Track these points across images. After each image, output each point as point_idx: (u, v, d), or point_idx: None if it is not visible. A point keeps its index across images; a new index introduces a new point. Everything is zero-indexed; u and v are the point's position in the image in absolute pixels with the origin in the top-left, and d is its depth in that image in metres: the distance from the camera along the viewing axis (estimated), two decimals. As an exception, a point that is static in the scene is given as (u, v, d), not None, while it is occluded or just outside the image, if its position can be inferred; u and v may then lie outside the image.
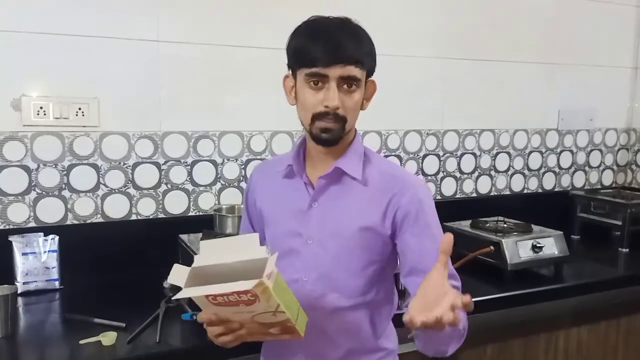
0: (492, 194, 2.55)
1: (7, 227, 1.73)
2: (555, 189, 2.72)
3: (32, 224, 1.76)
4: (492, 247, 1.89)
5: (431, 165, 2.39)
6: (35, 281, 1.69)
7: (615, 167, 2.89)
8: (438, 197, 2.42)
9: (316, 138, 1.14)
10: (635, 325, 2.09)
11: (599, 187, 2.84)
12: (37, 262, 1.68)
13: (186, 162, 1.94)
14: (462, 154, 2.46)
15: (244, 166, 2.03)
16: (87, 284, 1.72)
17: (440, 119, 2.39)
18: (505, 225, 2.08)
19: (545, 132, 2.65)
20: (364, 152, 1.21)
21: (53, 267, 1.70)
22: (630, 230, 2.31)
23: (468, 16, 2.37)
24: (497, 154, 2.54)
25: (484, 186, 2.53)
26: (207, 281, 0.96)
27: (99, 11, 1.77)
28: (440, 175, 2.42)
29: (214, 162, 1.99)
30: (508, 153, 2.57)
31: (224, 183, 2.01)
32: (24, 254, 1.68)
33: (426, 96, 2.34)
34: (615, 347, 2.06)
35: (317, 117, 1.11)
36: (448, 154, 2.43)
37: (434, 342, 1.09)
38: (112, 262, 1.78)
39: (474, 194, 2.51)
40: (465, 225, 2.10)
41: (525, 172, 2.63)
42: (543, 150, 2.66)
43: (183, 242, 1.79)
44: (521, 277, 1.88)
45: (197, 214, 1.97)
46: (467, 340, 1.70)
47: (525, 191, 2.64)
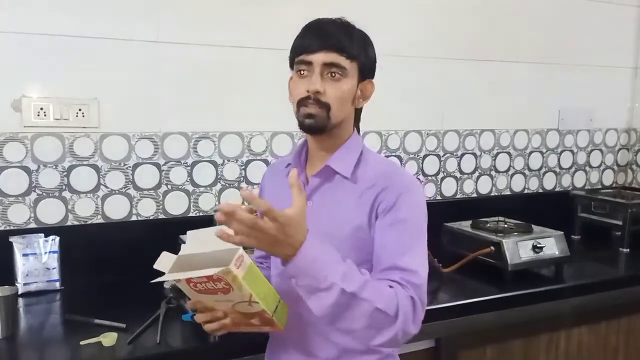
0: (492, 194, 2.55)
1: (8, 228, 1.73)
2: (556, 189, 2.72)
3: (33, 225, 1.76)
4: (492, 248, 1.89)
5: (431, 165, 2.39)
6: (36, 282, 1.69)
7: (615, 167, 2.89)
8: (438, 197, 2.42)
9: (301, 125, 1.15)
10: (636, 325, 2.09)
11: (600, 187, 2.84)
12: (37, 263, 1.69)
13: (186, 163, 1.94)
14: (462, 154, 2.46)
15: (244, 167, 2.03)
16: (88, 284, 1.72)
17: (440, 119, 2.39)
18: (506, 226, 2.08)
19: (546, 132, 2.65)
20: (361, 151, 1.20)
21: (53, 268, 1.71)
22: (631, 230, 2.30)
23: (468, 16, 2.37)
24: (497, 154, 2.54)
25: (484, 186, 2.53)
26: (190, 269, 0.99)
27: (99, 12, 1.77)
28: (441, 175, 2.42)
29: (214, 163, 1.99)
30: (508, 153, 2.57)
31: (224, 184, 2.01)
32: (24, 255, 1.68)
33: (426, 96, 2.34)
34: (616, 348, 2.06)
35: (301, 103, 1.13)
36: (448, 154, 2.43)
37: (332, 311, 1.00)
38: (113, 262, 1.78)
39: (475, 194, 2.51)
40: (465, 225, 2.10)
41: (526, 172, 2.63)
42: (543, 150, 2.66)
43: (183, 243, 1.78)
44: (522, 277, 1.88)
45: (198, 214, 1.97)
46: (467, 341, 1.71)
47: (525, 191, 2.64)
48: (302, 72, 1.13)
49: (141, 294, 1.68)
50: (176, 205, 1.94)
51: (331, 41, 1.10)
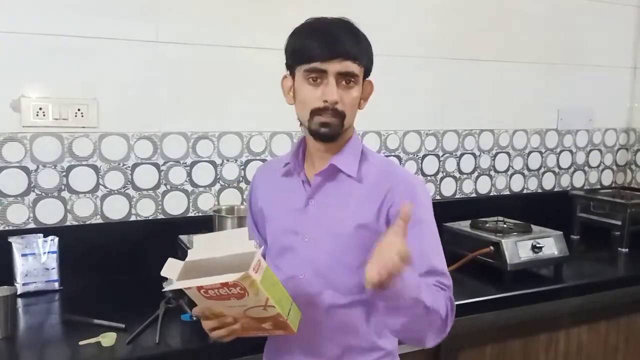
0: (491, 194, 2.55)
1: (7, 228, 1.73)
2: (555, 189, 2.72)
3: (32, 225, 1.76)
4: (491, 248, 1.89)
5: (431, 165, 2.39)
6: (35, 282, 1.68)
7: (614, 167, 2.89)
8: (437, 197, 2.42)
9: (315, 133, 1.14)
10: (636, 325, 2.09)
11: (599, 187, 2.84)
12: (36, 263, 1.68)
13: (185, 163, 1.94)
14: (461, 154, 2.46)
15: (243, 167, 2.03)
16: (87, 284, 1.72)
17: (439, 119, 2.39)
18: (505, 226, 2.08)
19: (545, 132, 2.65)
20: (361, 150, 1.21)
21: (53, 268, 1.70)
22: (630, 230, 2.30)
23: (467, 16, 2.37)
24: (496, 154, 2.54)
25: (483, 186, 2.53)
26: (200, 274, 0.97)
27: (98, 12, 1.77)
28: (440, 175, 2.42)
29: (213, 163, 1.98)
30: (507, 153, 2.57)
31: (223, 184, 2.01)
32: (23, 255, 1.67)
33: (425, 96, 2.33)
34: (616, 348, 2.06)
35: (316, 113, 1.12)
36: (447, 154, 2.43)
37: (407, 325, 1.03)
38: (112, 263, 1.78)
39: (474, 194, 2.51)
40: (464, 225, 2.10)
41: (525, 172, 2.63)
42: (542, 150, 2.66)
43: (182, 243, 1.79)
44: (521, 277, 1.88)
45: (197, 214, 1.97)
46: (467, 340, 1.71)
47: (524, 191, 2.64)
48: (314, 79, 1.11)
49: (140, 294, 1.68)
50: (175, 205, 1.94)
51: (346, 48, 1.10)
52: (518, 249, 1.89)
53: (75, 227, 1.80)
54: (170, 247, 1.82)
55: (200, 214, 1.97)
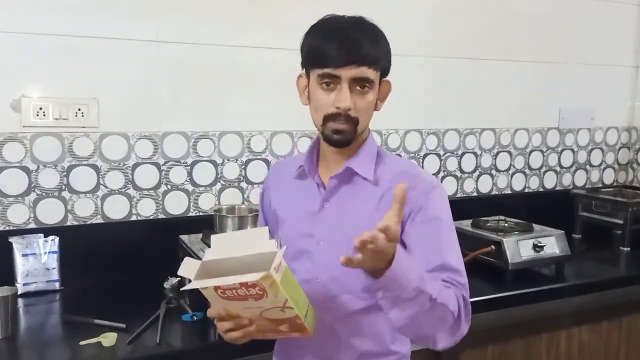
0: (493, 193, 2.55)
1: (7, 228, 1.73)
2: (557, 188, 2.72)
3: (32, 225, 1.76)
4: (493, 247, 1.89)
5: (432, 164, 2.39)
6: (36, 282, 1.68)
7: (616, 166, 2.88)
8: (439, 196, 2.42)
9: (328, 139, 1.13)
10: (637, 324, 2.08)
11: (600, 185, 2.83)
12: (37, 263, 1.68)
13: (186, 163, 1.94)
14: (462, 153, 2.45)
15: (244, 166, 2.03)
16: (88, 285, 1.72)
17: (440, 118, 2.38)
18: (506, 225, 2.08)
19: (546, 131, 2.64)
20: (377, 152, 1.19)
21: (53, 268, 1.70)
22: (632, 229, 2.30)
23: (468, 15, 2.36)
24: (498, 153, 2.54)
25: (485, 185, 2.53)
26: (217, 274, 0.96)
27: (99, 11, 1.77)
28: (441, 174, 2.42)
29: (213, 163, 1.98)
30: (509, 152, 2.56)
31: (224, 183, 2.01)
32: (24, 255, 1.67)
33: (426, 95, 2.33)
34: (617, 347, 2.06)
35: (329, 119, 1.10)
36: (449, 154, 2.42)
37: (412, 320, 1.00)
38: (113, 263, 1.78)
39: (475, 193, 2.51)
40: (466, 224, 2.09)
41: (526, 171, 2.63)
42: (544, 149, 2.65)
43: (183, 243, 1.79)
44: (522, 276, 1.88)
45: (197, 214, 1.97)
46: (468, 340, 1.70)
47: (526, 190, 2.64)
48: (327, 84, 1.09)
49: (141, 294, 1.68)
50: (176, 205, 1.94)
51: (359, 55, 1.06)
52: (519, 248, 1.89)
53: (75, 227, 1.80)
54: (171, 247, 1.82)
55: (200, 214, 1.97)
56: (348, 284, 1.15)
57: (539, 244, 1.92)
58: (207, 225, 1.83)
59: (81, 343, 1.34)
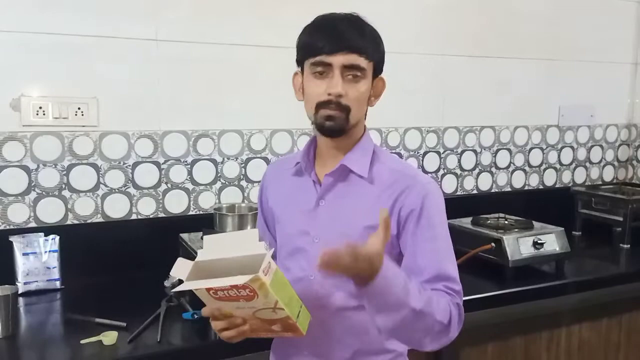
0: (493, 190, 2.55)
1: (8, 227, 1.73)
2: (556, 186, 2.72)
3: (33, 224, 1.76)
4: (493, 244, 1.89)
5: (432, 162, 2.39)
6: (36, 281, 1.69)
7: (616, 163, 2.89)
8: (439, 194, 2.42)
9: (320, 127, 1.13)
10: (637, 321, 2.09)
11: (600, 183, 2.83)
12: (37, 262, 1.68)
13: (186, 161, 1.94)
14: (462, 151, 2.45)
15: (244, 165, 2.03)
16: (88, 283, 1.72)
17: (440, 116, 2.38)
18: (507, 222, 2.08)
19: (546, 128, 2.65)
20: (373, 149, 1.19)
21: (54, 267, 1.70)
22: (632, 226, 2.30)
23: (468, 13, 2.36)
24: (497, 150, 2.54)
25: (484, 183, 2.53)
26: (209, 275, 0.97)
27: (98, 10, 1.77)
28: (441, 172, 2.42)
29: (214, 161, 1.98)
30: (509, 150, 2.56)
31: (224, 182, 2.01)
32: (24, 254, 1.68)
33: (426, 93, 2.33)
34: (617, 344, 2.06)
35: (321, 106, 1.11)
36: (448, 151, 2.42)
37: (396, 327, 1.02)
38: (113, 261, 1.78)
39: (475, 191, 2.51)
40: (466, 222, 2.09)
41: (526, 168, 2.63)
42: (544, 146, 2.65)
43: (184, 241, 1.79)
44: (522, 273, 1.88)
45: (198, 213, 1.97)
46: (468, 338, 1.71)
47: (526, 188, 2.64)
48: (320, 73, 1.10)
49: (141, 293, 1.68)
50: (176, 203, 1.94)
51: (350, 42, 1.08)
52: (519, 246, 1.89)
53: (76, 226, 1.80)
54: (171, 245, 1.82)
55: (201, 212, 1.97)
56: (342, 282, 1.14)
57: (539, 241, 1.92)
58: (207, 223, 1.83)
59: (82, 342, 1.34)
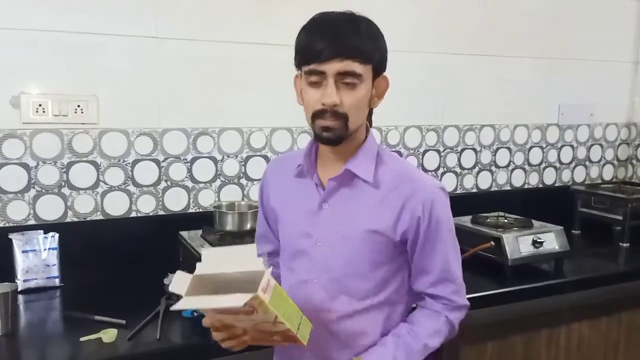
0: (492, 189, 2.55)
1: (7, 224, 1.73)
2: (556, 184, 2.72)
3: (32, 222, 1.76)
4: (492, 243, 1.89)
5: (431, 161, 2.39)
6: (36, 279, 1.68)
7: (616, 162, 2.89)
8: (438, 192, 2.42)
9: (318, 137, 1.11)
10: (637, 320, 2.09)
11: (600, 182, 2.83)
12: (37, 259, 1.68)
13: (186, 159, 1.94)
14: (462, 150, 2.45)
15: (243, 163, 2.03)
16: (88, 281, 1.72)
17: (440, 114, 2.38)
18: (506, 221, 2.08)
19: (546, 127, 2.64)
20: (377, 152, 1.17)
21: (53, 265, 1.70)
22: (631, 225, 2.30)
23: (468, 11, 2.36)
24: (497, 149, 2.54)
25: (484, 181, 2.53)
26: (208, 289, 0.97)
27: (98, 8, 1.76)
28: (441, 170, 2.42)
29: (213, 159, 1.98)
30: (508, 148, 2.56)
31: (223, 180, 2.01)
32: (24, 252, 1.67)
33: (426, 92, 2.33)
34: (617, 342, 2.06)
35: (317, 116, 1.08)
36: (448, 150, 2.42)
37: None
38: (113, 259, 1.78)
39: (475, 190, 2.51)
40: (465, 220, 2.09)
41: (526, 167, 2.63)
42: (543, 145, 2.65)
43: (183, 239, 1.79)
44: (522, 272, 1.88)
45: (197, 210, 1.97)
46: (468, 336, 1.71)
47: (525, 186, 2.64)
48: (314, 80, 1.06)
49: (141, 290, 1.68)
50: (176, 201, 1.94)
51: (343, 47, 1.03)
52: (519, 244, 1.89)
53: (75, 224, 1.80)
54: (171, 243, 1.82)
55: (200, 210, 1.97)
56: (346, 285, 1.15)
57: (538, 240, 1.92)
58: (207, 221, 1.83)
59: (81, 339, 1.34)
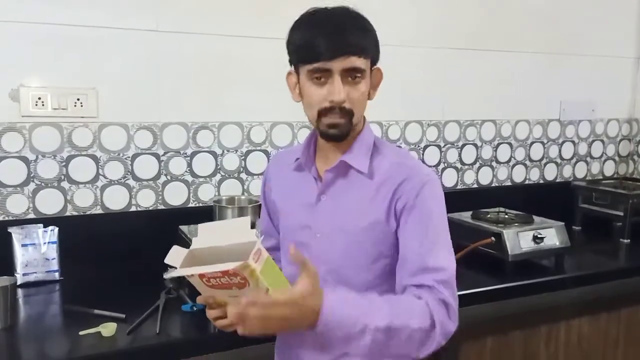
0: (493, 184, 2.55)
1: (7, 218, 1.73)
2: (557, 180, 2.72)
3: (32, 215, 1.75)
4: (493, 238, 1.89)
5: (432, 156, 2.38)
6: (35, 272, 1.68)
7: (617, 158, 2.88)
8: (439, 188, 2.41)
9: (324, 134, 1.12)
10: (637, 316, 2.09)
11: (601, 177, 2.83)
12: (36, 253, 1.68)
13: (186, 153, 1.93)
14: (463, 145, 2.45)
15: (243, 157, 2.03)
16: (87, 275, 1.72)
17: (441, 109, 2.37)
18: (507, 216, 2.08)
19: (547, 122, 2.64)
20: (373, 142, 1.18)
21: (53, 259, 1.70)
22: (632, 221, 2.29)
23: (470, 7, 2.35)
24: (498, 144, 2.53)
25: (485, 177, 2.52)
26: (203, 263, 0.98)
27: (98, 1, 1.75)
28: (441, 166, 2.41)
29: (213, 153, 1.98)
30: (509, 144, 2.56)
31: (223, 174, 2.00)
32: (23, 245, 1.67)
33: (427, 87, 2.32)
34: (616, 339, 2.06)
35: (323, 113, 1.09)
36: (449, 145, 2.42)
37: (373, 350, 1.00)
38: (112, 253, 1.78)
39: (475, 185, 2.51)
40: (466, 216, 2.09)
41: (527, 162, 2.62)
42: (545, 140, 2.65)
43: (183, 233, 1.79)
44: (522, 268, 1.87)
45: (197, 205, 1.97)
46: (468, 332, 1.71)
47: (526, 182, 2.63)
48: (319, 78, 1.07)
49: (140, 285, 1.68)
50: (176, 195, 1.94)
51: (348, 44, 1.05)
52: (519, 240, 1.89)
53: (75, 218, 1.80)
54: (171, 237, 1.81)
55: (200, 205, 1.97)
56: (344, 277, 1.15)
57: (539, 236, 1.92)
58: (206, 216, 1.83)
59: (81, 333, 1.34)
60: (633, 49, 2.79)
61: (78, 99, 1.76)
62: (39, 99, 1.71)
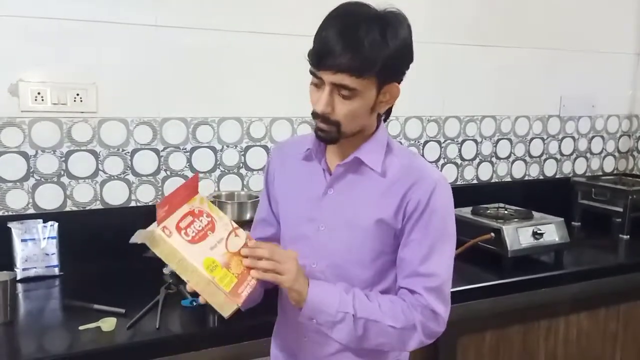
0: (493, 180, 2.55)
1: (6, 213, 1.73)
2: (557, 176, 2.72)
3: (31, 211, 1.75)
4: (492, 234, 1.89)
5: (432, 151, 2.38)
6: (35, 267, 1.68)
7: (616, 154, 2.88)
8: (439, 183, 2.41)
9: (316, 136, 1.13)
10: (635, 312, 2.09)
11: (601, 173, 2.83)
12: (36, 248, 1.68)
13: (185, 149, 1.93)
14: (463, 141, 2.44)
15: (243, 153, 2.02)
16: (87, 270, 1.72)
17: (440, 105, 2.37)
18: (506, 212, 2.08)
19: (547, 118, 2.64)
20: (387, 143, 1.18)
21: (52, 254, 1.70)
22: (631, 217, 2.30)
23: (469, 1, 2.34)
24: (498, 140, 2.53)
25: (485, 173, 2.52)
26: None
27: (97, -5, 1.75)
28: (441, 162, 2.41)
29: (213, 149, 1.98)
30: (509, 139, 2.56)
31: (223, 169, 2.00)
32: (23, 241, 1.67)
33: (427, 82, 2.31)
34: (615, 334, 2.07)
35: (314, 116, 1.10)
36: (449, 141, 2.41)
37: (353, 339, 1.12)
38: (112, 248, 1.76)
39: (475, 181, 2.50)
40: (466, 212, 2.09)
41: (527, 158, 2.62)
42: (544, 136, 2.65)
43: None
44: (521, 263, 1.88)
45: (197, 200, 1.96)
46: (467, 327, 1.71)
47: (526, 178, 2.63)
48: (316, 83, 1.07)
49: (140, 280, 1.68)
50: (175, 191, 1.93)
51: (336, 61, 1.01)
52: (519, 236, 1.89)
53: (74, 213, 1.80)
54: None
55: (200, 200, 1.97)
56: (346, 272, 1.15)
57: (538, 232, 1.92)
58: (206, 211, 1.82)
59: (80, 328, 1.34)
60: (633, 45, 2.79)
61: (77, 94, 1.76)
62: (39, 94, 1.71)
